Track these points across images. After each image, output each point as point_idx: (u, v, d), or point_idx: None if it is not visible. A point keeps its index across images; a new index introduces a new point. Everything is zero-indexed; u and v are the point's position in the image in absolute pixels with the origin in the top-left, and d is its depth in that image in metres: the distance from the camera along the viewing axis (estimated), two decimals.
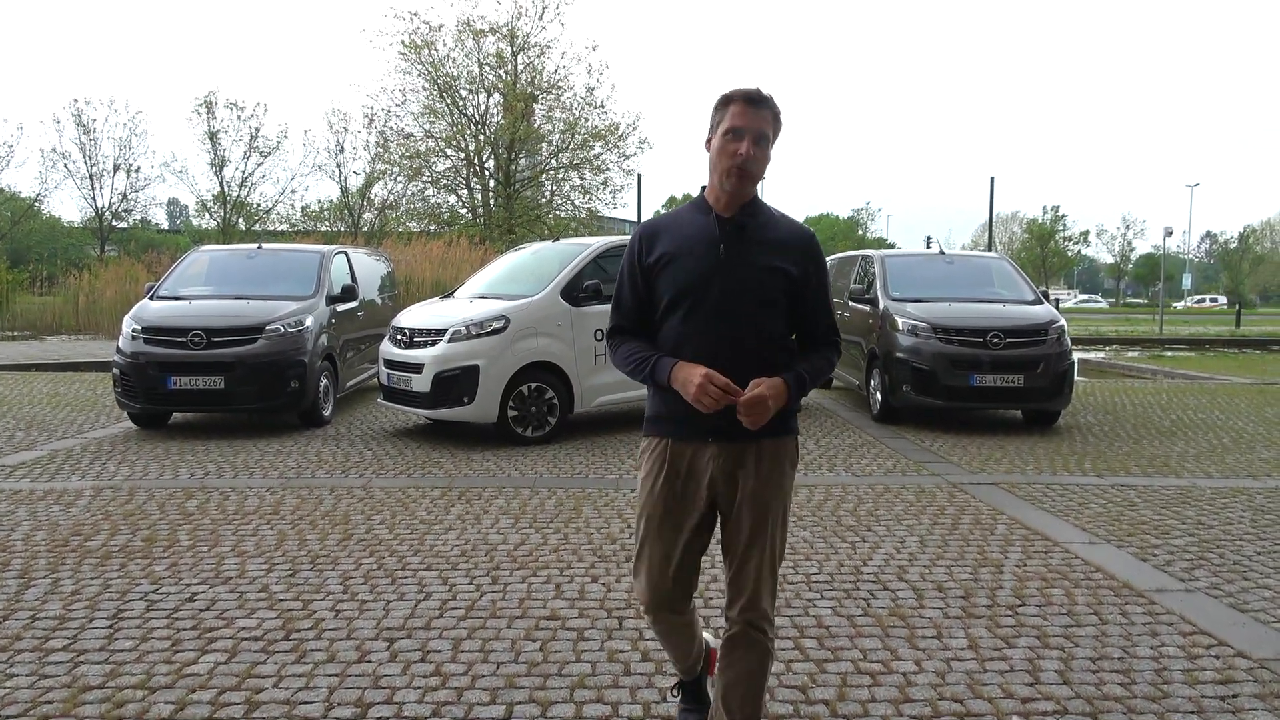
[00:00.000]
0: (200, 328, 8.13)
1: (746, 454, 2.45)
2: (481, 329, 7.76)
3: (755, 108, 2.35)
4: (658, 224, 2.54)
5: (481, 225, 31.01)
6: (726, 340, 2.37)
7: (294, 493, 6.04)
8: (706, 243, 2.41)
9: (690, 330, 2.40)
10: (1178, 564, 4.65)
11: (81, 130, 46.62)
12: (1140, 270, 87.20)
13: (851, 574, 4.44)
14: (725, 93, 2.40)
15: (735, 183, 2.36)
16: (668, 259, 2.44)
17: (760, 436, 2.42)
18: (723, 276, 2.38)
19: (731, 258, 2.39)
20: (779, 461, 2.49)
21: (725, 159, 2.35)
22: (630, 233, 2.86)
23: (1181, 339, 28.54)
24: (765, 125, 2.36)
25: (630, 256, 2.53)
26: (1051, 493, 6.21)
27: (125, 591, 4.12)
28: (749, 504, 2.45)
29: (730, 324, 2.38)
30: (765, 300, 2.40)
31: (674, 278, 2.42)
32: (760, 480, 2.45)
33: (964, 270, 10.46)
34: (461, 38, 31.18)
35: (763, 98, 2.37)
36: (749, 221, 2.43)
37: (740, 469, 2.45)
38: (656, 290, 2.46)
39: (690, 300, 2.39)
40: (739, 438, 2.41)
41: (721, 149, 2.36)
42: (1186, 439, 8.41)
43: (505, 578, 4.36)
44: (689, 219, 2.48)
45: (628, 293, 2.55)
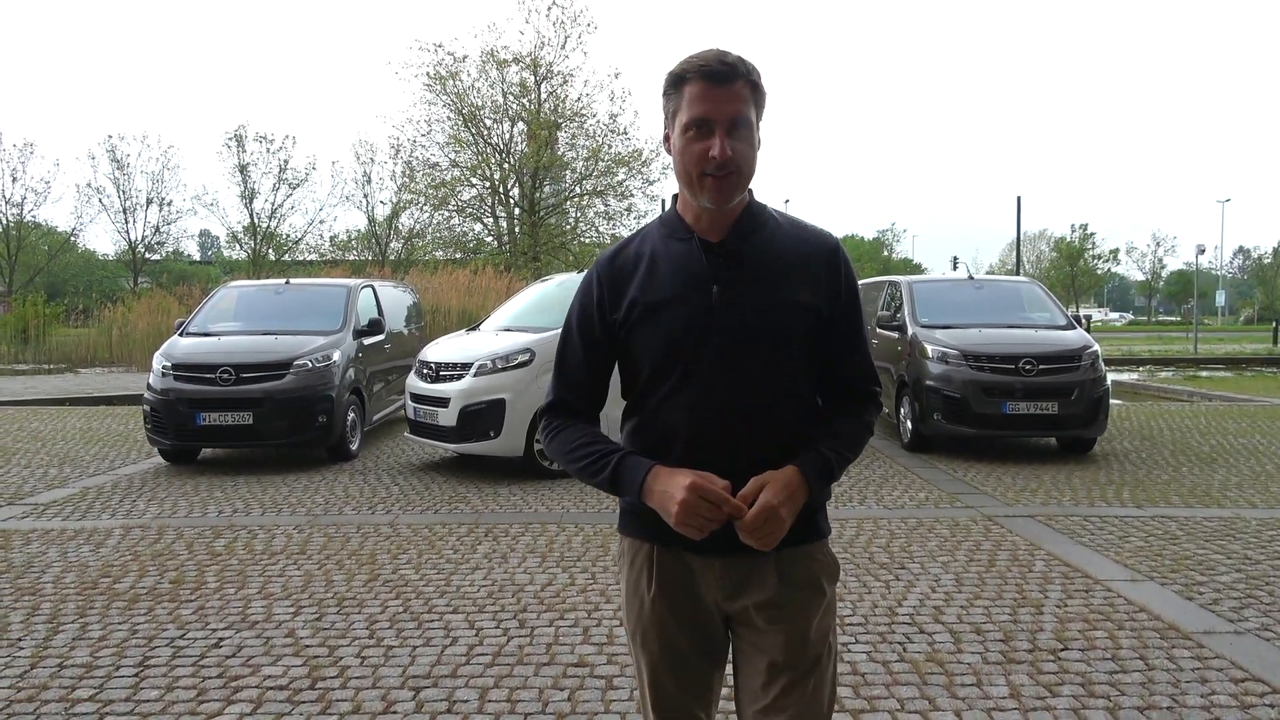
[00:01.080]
0: (229, 364, 8.18)
1: (761, 572, 1.75)
2: (507, 362, 7.74)
3: (721, 84, 1.64)
4: (624, 258, 1.80)
5: (507, 253, 31.20)
6: (735, 412, 1.71)
7: (321, 531, 6.03)
8: (693, 283, 1.71)
9: (683, 408, 1.72)
10: (1225, 603, 4.49)
11: (116, 165, 47.70)
12: (1172, 288, 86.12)
13: (886, 615, 4.33)
14: (673, 69, 1.68)
15: (715, 197, 1.68)
16: (642, 312, 1.74)
17: (785, 544, 1.73)
18: (720, 328, 1.70)
19: (730, 300, 1.70)
20: (810, 579, 1.78)
21: (691, 163, 1.66)
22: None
23: (1217, 358, 28.04)
24: (740, 105, 1.65)
25: (583, 306, 1.83)
26: (1090, 525, 6.06)
27: (152, 637, 4.10)
28: (772, 646, 1.74)
29: (733, 393, 1.71)
30: (781, 349, 1.73)
31: (654, 339, 1.73)
32: (785, 610, 1.75)
33: (994, 295, 10.33)
34: (486, 68, 31.54)
35: (729, 67, 1.64)
36: (747, 245, 1.73)
37: (754, 595, 1.76)
38: (630, 356, 1.79)
39: (680, 367, 1.71)
40: (747, 548, 1.70)
41: (684, 151, 1.67)
42: (1228, 466, 8.20)
43: (532, 621, 4.29)
44: (663, 250, 1.77)
45: (578, 355, 1.83)
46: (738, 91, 1.66)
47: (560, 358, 1.87)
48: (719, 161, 1.64)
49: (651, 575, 1.80)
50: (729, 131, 1.65)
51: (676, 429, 1.73)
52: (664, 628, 1.80)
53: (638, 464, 1.71)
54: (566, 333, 1.86)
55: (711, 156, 1.64)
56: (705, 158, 1.65)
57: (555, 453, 1.84)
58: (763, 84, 1.71)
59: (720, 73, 1.64)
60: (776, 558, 1.75)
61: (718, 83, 1.64)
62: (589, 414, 1.86)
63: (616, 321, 1.78)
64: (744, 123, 1.66)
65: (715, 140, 1.64)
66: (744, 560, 1.75)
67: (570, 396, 1.86)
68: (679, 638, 1.80)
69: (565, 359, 1.86)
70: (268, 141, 45.37)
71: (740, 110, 1.66)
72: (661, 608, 1.80)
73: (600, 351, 1.83)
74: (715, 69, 1.64)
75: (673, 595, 1.79)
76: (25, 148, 47.79)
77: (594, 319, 1.81)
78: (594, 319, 1.81)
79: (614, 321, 1.78)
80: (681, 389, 1.72)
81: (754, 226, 1.76)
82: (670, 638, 1.80)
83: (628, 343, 1.78)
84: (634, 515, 1.82)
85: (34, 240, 50.44)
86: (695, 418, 1.72)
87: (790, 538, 1.71)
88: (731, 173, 1.66)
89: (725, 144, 1.64)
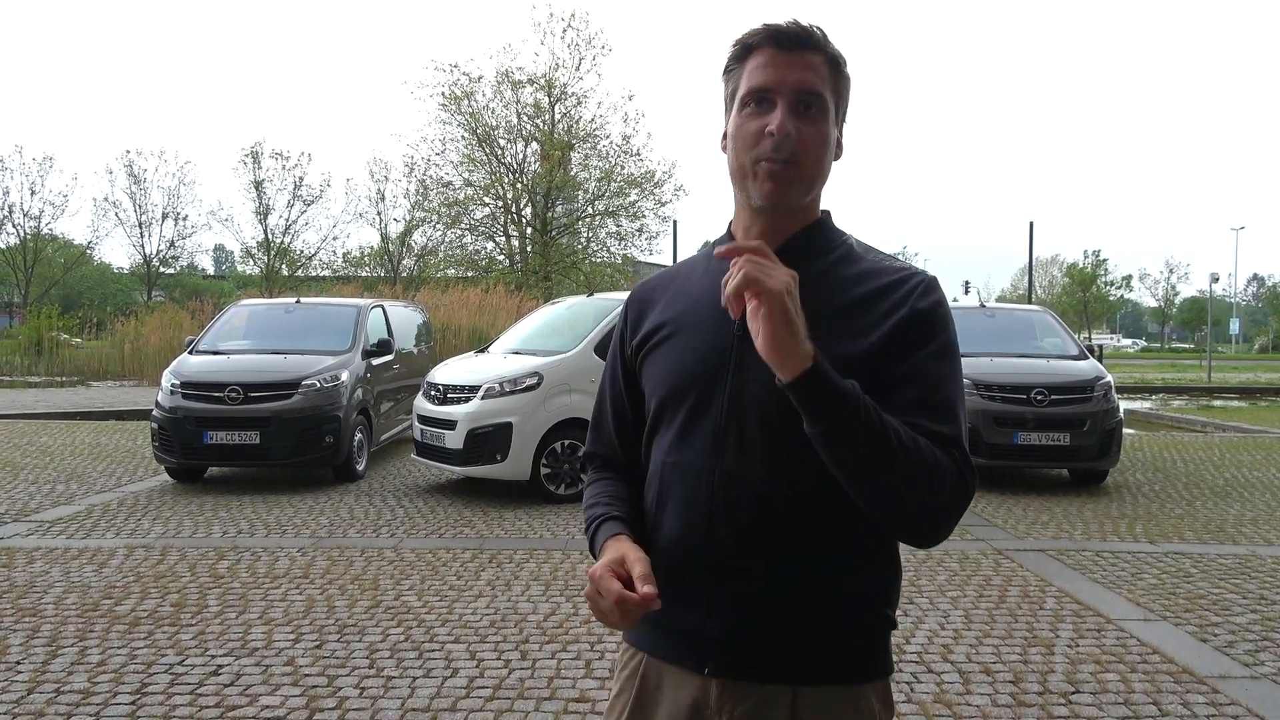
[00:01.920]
0: (237, 383, 8.18)
1: (771, 710, 1.29)
2: (515, 385, 7.72)
3: (794, 50, 1.30)
4: (658, 280, 1.52)
5: (518, 272, 31.29)
6: (732, 482, 1.29)
7: (325, 554, 5.99)
8: (717, 311, 1.28)
9: (677, 466, 1.35)
10: (1241, 645, 4.40)
11: (132, 180, 48.16)
12: (1186, 315, 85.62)
13: (893, 653, 4.25)
14: (739, 37, 1.35)
15: (769, 188, 1.29)
16: (655, 341, 1.42)
17: (799, 676, 1.28)
18: (735, 373, 1.31)
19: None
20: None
21: (743, 148, 1.31)
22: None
23: (1231, 387, 27.80)
24: (816, 79, 1.30)
25: (616, 338, 1.54)
26: (1102, 561, 5.97)
27: (151, 663, 4.07)
28: None
29: (742, 457, 1.29)
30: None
31: (660, 373, 1.40)
32: None
33: (1005, 323, 10.26)
34: (500, 89, 31.78)
35: (804, 32, 1.31)
36: (800, 269, 1.21)
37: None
38: (643, 394, 1.46)
39: (684, 414, 1.35)
40: (756, 672, 1.28)
41: (738, 132, 1.32)
42: (1243, 501, 8.09)
43: (534, 652, 4.24)
44: (702, 270, 1.44)
45: (607, 400, 1.54)
46: (812, 63, 1.31)
47: (596, 403, 1.59)
48: (777, 139, 1.27)
49: (632, 688, 1.40)
50: (794, 108, 1.29)
51: (669, 490, 1.36)
52: None
53: (604, 531, 1.38)
54: (603, 375, 1.59)
55: (769, 133, 1.28)
56: (761, 135, 1.29)
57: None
58: (846, 69, 1.36)
59: (795, 36, 1.31)
60: (794, 693, 1.28)
61: (790, 47, 1.31)
62: (622, 464, 1.52)
63: (633, 351, 1.48)
64: (816, 100, 1.30)
65: (776, 114, 1.29)
66: (751, 688, 1.29)
67: (601, 447, 1.56)
68: None
69: (599, 403, 1.58)
70: (283, 158, 45.76)
71: (811, 82, 1.30)
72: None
73: (625, 394, 1.51)
74: (789, 31, 1.31)
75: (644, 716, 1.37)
76: (45, 161, 48.53)
77: (618, 356, 1.53)
78: (618, 356, 1.53)
79: (632, 351, 1.48)
80: (685, 439, 1.35)
81: (817, 250, 1.36)
82: None
83: (641, 377, 1.46)
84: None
85: (50, 253, 50.92)
86: (693, 479, 1.33)
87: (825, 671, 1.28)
88: (793, 162, 1.29)
89: (787, 119, 1.28)
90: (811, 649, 1.28)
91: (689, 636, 1.32)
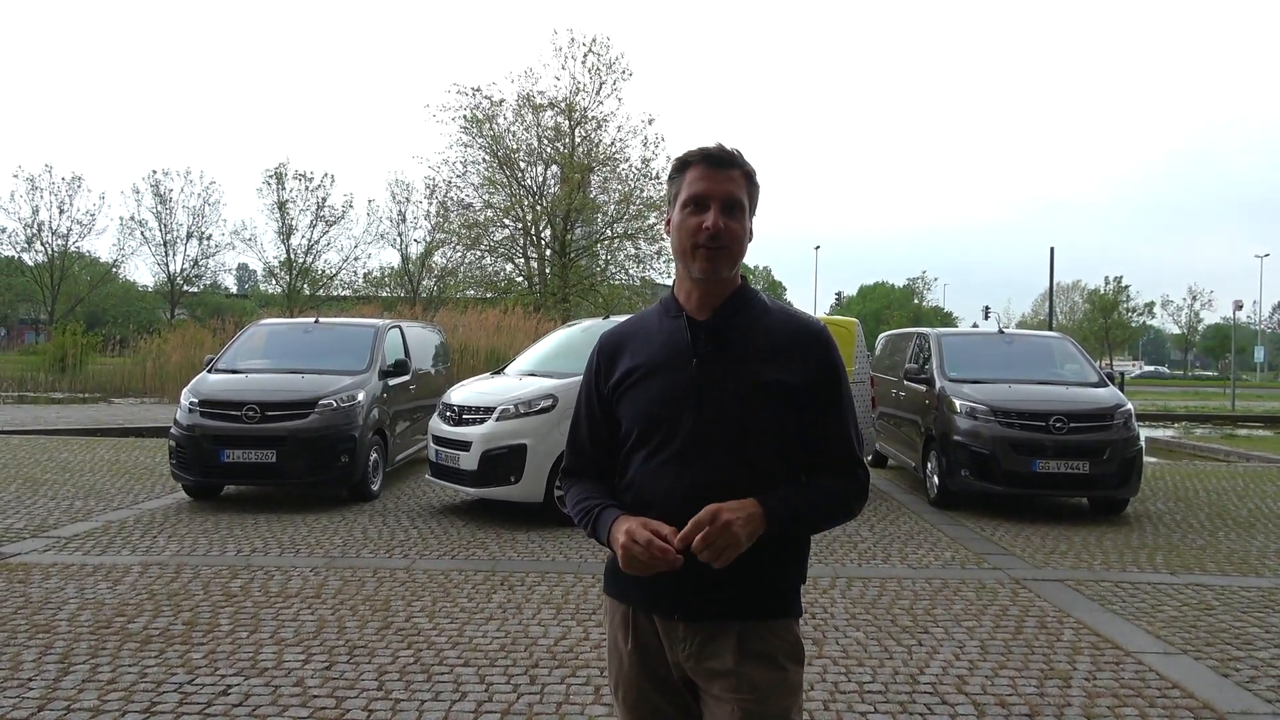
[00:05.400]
0: (254, 402, 8.24)
1: (720, 642, 1.81)
2: (530, 407, 7.72)
3: (720, 168, 1.82)
4: (622, 333, 1.99)
5: (537, 293, 31.42)
6: (703, 486, 1.77)
7: (337, 574, 5.99)
8: (676, 357, 1.85)
9: (654, 475, 1.84)
10: (1263, 681, 4.31)
11: (158, 200, 49.00)
12: (1209, 342, 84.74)
13: (907, 683, 4.20)
14: (679, 155, 1.88)
15: (704, 266, 1.81)
16: (630, 382, 1.89)
17: (739, 615, 1.81)
18: (697, 401, 1.81)
19: (707, 373, 1.82)
20: (768, 655, 1.81)
21: (686, 236, 1.81)
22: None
23: (1256, 416, 27.41)
24: (736, 189, 1.82)
25: (586, 380, 2.01)
26: (1121, 592, 5.88)
27: (161, 682, 4.07)
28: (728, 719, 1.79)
29: (704, 462, 1.80)
30: (753, 425, 1.81)
31: (636, 406, 1.87)
32: (741, 684, 1.79)
33: (1024, 350, 10.20)
34: (521, 112, 32.05)
35: (728, 155, 1.84)
36: (730, 324, 1.86)
37: (711, 662, 1.82)
38: (619, 422, 1.92)
39: (659, 436, 1.84)
40: (709, 614, 1.81)
41: (681, 225, 1.83)
42: (1267, 532, 7.96)
43: (544, 677, 4.21)
44: (656, 326, 1.93)
45: (584, 426, 2.00)
46: (734, 177, 1.84)
47: (572, 427, 2.04)
48: (711, 232, 1.79)
49: (628, 634, 1.91)
50: (723, 209, 1.81)
51: (653, 494, 1.84)
52: (640, 685, 1.91)
53: (608, 514, 1.85)
54: (577, 405, 2.03)
55: (705, 228, 1.80)
56: (699, 229, 1.80)
57: (570, 510, 1.99)
58: (757, 179, 1.90)
59: (720, 158, 1.84)
60: (739, 629, 1.82)
61: (717, 166, 1.83)
62: (599, 474, 1.99)
63: (609, 390, 1.94)
64: (738, 205, 1.83)
65: (710, 214, 1.80)
66: (706, 627, 1.83)
67: (579, 461, 2.02)
68: (654, 695, 1.90)
69: (575, 428, 2.03)
70: (307, 179, 46.46)
71: (735, 193, 1.83)
72: (637, 665, 1.90)
73: (601, 422, 1.97)
74: (716, 154, 1.84)
75: (646, 655, 1.89)
76: (73, 181, 49.26)
77: (593, 391, 1.98)
78: (593, 391, 1.98)
79: (607, 391, 1.94)
80: (658, 454, 1.84)
81: (740, 308, 1.89)
82: (646, 694, 1.91)
83: (618, 409, 1.92)
84: (613, 577, 1.94)
85: (76, 271, 51.66)
86: (670, 485, 1.82)
87: (756, 609, 1.83)
88: (723, 247, 1.81)
89: (719, 218, 1.80)
90: (746, 598, 1.82)
91: (662, 593, 1.83)
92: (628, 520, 1.77)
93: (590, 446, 1.99)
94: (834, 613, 5.25)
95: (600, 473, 1.98)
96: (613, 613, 1.96)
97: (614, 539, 1.79)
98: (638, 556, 1.71)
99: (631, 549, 1.72)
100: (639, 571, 1.74)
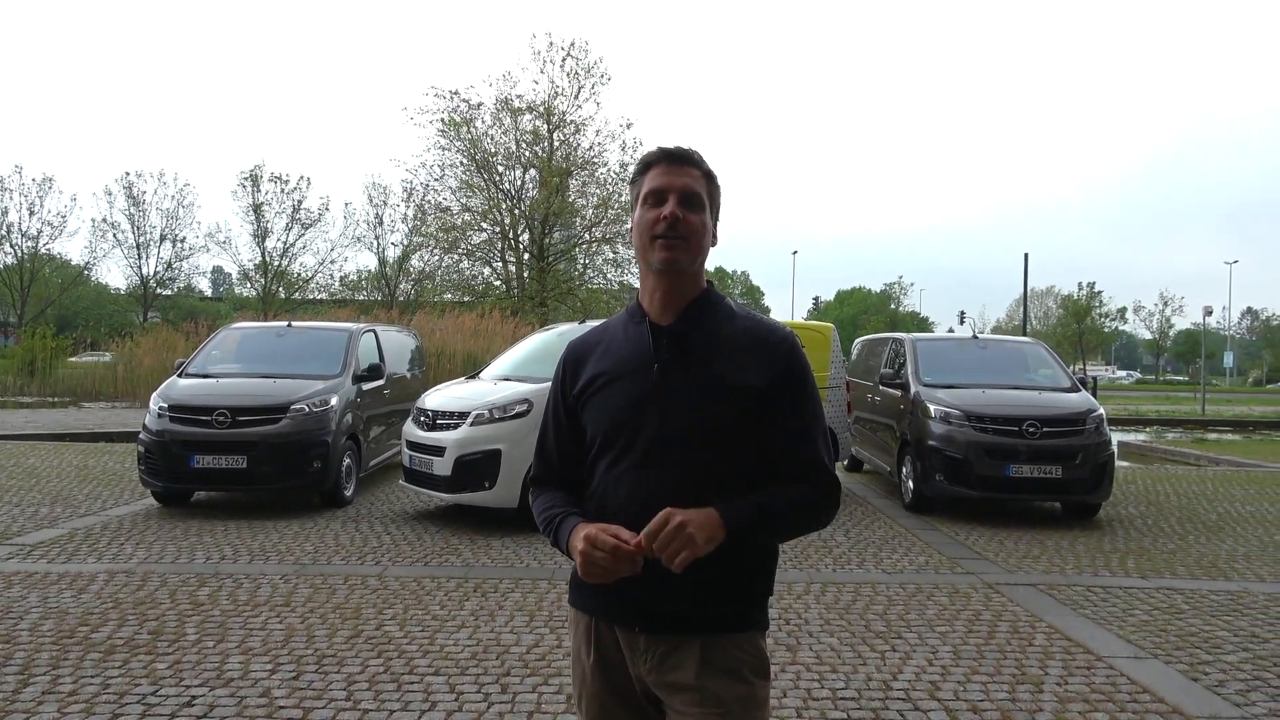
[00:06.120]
0: (225, 406, 8.13)
1: (682, 654, 1.77)
2: (505, 413, 7.67)
3: (679, 164, 1.83)
4: (588, 340, 1.97)
5: (514, 297, 31.31)
6: (664, 494, 1.72)
7: (307, 581, 5.92)
8: (638, 363, 1.82)
9: (616, 482, 1.81)
10: (1232, 684, 4.35)
11: (131, 202, 48.36)
12: (1180, 347, 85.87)
13: (880, 690, 4.20)
14: (641, 158, 1.90)
15: (663, 256, 1.78)
16: (594, 388, 1.87)
17: (702, 629, 1.76)
18: (658, 406, 1.78)
19: (669, 379, 1.79)
20: (732, 669, 1.77)
21: (645, 230, 1.80)
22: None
23: (1225, 420, 27.80)
24: (695, 184, 1.82)
25: (555, 386, 1.99)
26: (1093, 596, 5.91)
27: (123, 693, 3.99)
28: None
29: (667, 469, 1.76)
30: (716, 431, 1.77)
31: (599, 413, 1.85)
32: (706, 701, 1.74)
33: (998, 355, 10.26)
34: (500, 116, 31.98)
35: (686, 153, 1.85)
36: (693, 329, 1.83)
37: (673, 675, 1.78)
38: (585, 428, 1.90)
39: (621, 441, 1.81)
40: (670, 627, 1.77)
41: (640, 220, 1.82)
42: (1235, 536, 8.05)
43: (515, 685, 4.17)
44: (620, 333, 1.91)
45: (551, 435, 1.98)
46: (692, 174, 1.84)
47: (540, 436, 2.02)
48: (669, 221, 1.78)
49: (590, 646, 1.89)
50: (681, 201, 1.80)
51: (615, 501, 1.81)
52: (603, 698, 1.88)
53: (568, 522, 1.82)
54: (544, 414, 2.02)
55: (663, 218, 1.78)
56: (657, 220, 1.79)
57: (535, 518, 1.95)
58: (718, 181, 1.90)
59: (679, 155, 1.85)
60: (701, 643, 1.77)
61: (677, 163, 1.84)
62: (565, 482, 1.96)
63: (574, 398, 1.92)
64: (696, 198, 1.82)
65: (668, 204, 1.79)
66: (667, 639, 1.79)
67: (547, 470, 1.99)
68: (618, 709, 1.88)
69: (543, 437, 2.01)
70: (282, 182, 46.07)
71: (693, 186, 1.82)
72: (600, 678, 1.88)
73: (568, 430, 1.95)
74: (675, 153, 1.85)
75: (608, 668, 1.87)
76: (44, 182, 48.52)
77: (559, 399, 1.97)
78: (559, 399, 1.97)
79: (572, 399, 1.93)
80: (621, 461, 1.81)
81: (704, 313, 1.86)
82: (609, 708, 1.88)
83: (583, 417, 1.90)
84: (577, 589, 1.92)
85: (47, 273, 50.88)
86: (631, 492, 1.79)
87: (720, 624, 1.78)
88: (681, 237, 1.79)
89: (676, 209, 1.79)
90: (708, 610, 1.77)
91: (624, 605, 1.79)
92: (586, 526, 1.74)
93: (557, 455, 1.97)
94: (808, 618, 5.25)
95: (567, 482, 1.95)
96: (576, 624, 1.93)
97: (573, 546, 1.75)
98: (597, 561, 1.68)
99: (591, 554, 1.68)
100: (598, 578, 1.70)
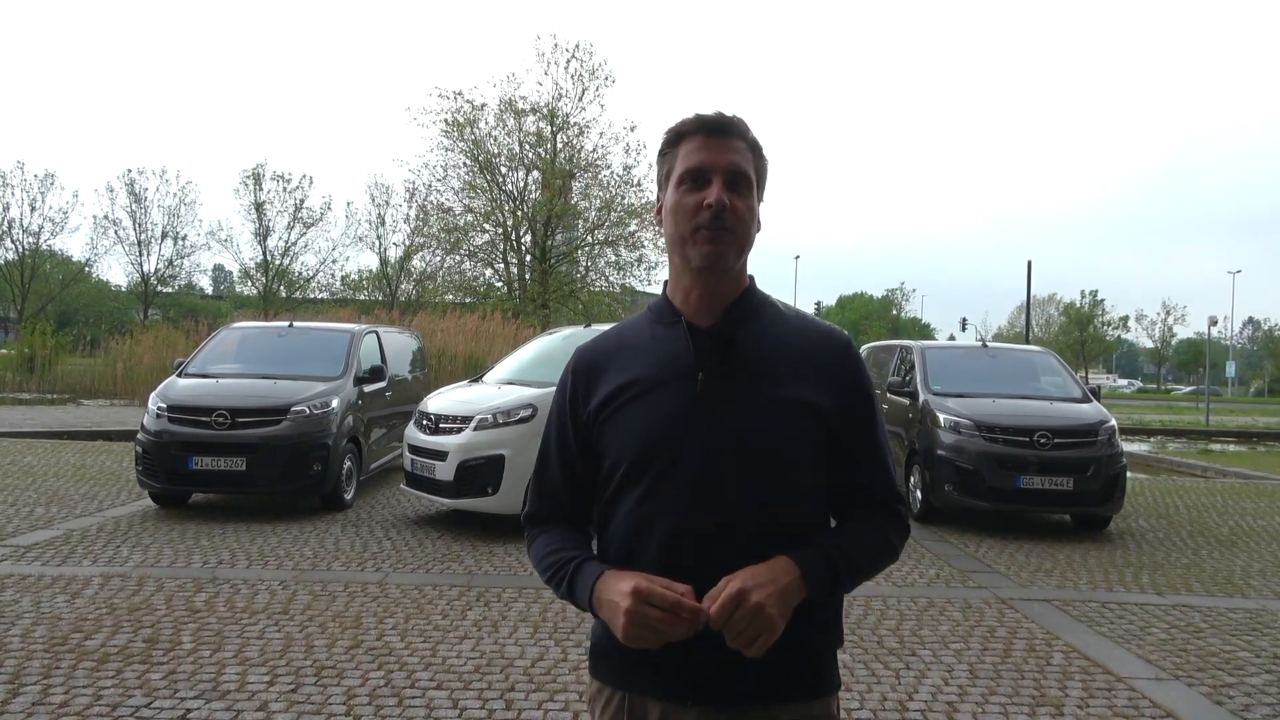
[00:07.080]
0: (225, 408, 8.00)
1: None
2: (509, 417, 7.55)
3: (722, 137, 1.50)
4: (603, 346, 1.62)
5: (516, 299, 31.20)
6: (712, 532, 1.44)
7: (306, 588, 5.79)
8: (674, 372, 1.49)
9: (648, 521, 1.47)
10: (1258, 709, 4.22)
11: (133, 199, 48.26)
12: (1182, 357, 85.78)
13: (896, 710, 4.07)
14: (672, 126, 1.55)
15: (708, 250, 1.46)
16: (619, 402, 1.52)
17: (771, 699, 1.46)
18: (705, 426, 1.46)
19: (717, 393, 1.47)
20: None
21: (683, 219, 1.48)
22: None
23: (1229, 430, 27.65)
24: (741, 160, 1.49)
25: (558, 405, 1.63)
26: (1109, 613, 5.79)
27: (116, 705, 3.87)
28: None
29: (718, 505, 1.44)
30: (782, 460, 1.46)
31: (625, 435, 1.50)
32: None
33: (1007, 363, 10.15)
34: (503, 117, 31.83)
35: (729, 122, 1.51)
36: (741, 330, 1.51)
37: None
38: (603, 455, 1.54)
39: (655, 470, 1.47)
40: (737, 699, 1.45)
41: (677, 206, 1.49)
42: (1249, 550, 7.92)
43: (520, 701, 4.04)
44: (646, 335, 1.57)
45: (554, 462, 1.62)
46: (738, 147, 1.51)
47: (538, 464, 1.66)
48: (715, 210, 1.45)
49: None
50: (727, 183, 1.48)
51: (647, 542, 1.47)
52: None
53: (589, 570, 1.47)
54: (545, 437, 1.65)
55: (707, 205, 1.46)
56: (700, 208, 1.47)
57: (533, 562, 1.61)
58: (765, 154, 1.56)
59: (721, 125, 1.51)
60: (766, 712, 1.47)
61: (718, 134, 1.50)
62: (570, 521, 1.63)
63: (589, 417, 1.56)
64: (744, 179, 1.50)
65: (713, 188, 1.47)
66: (725, 712, 1.46)
67: (549, 506, 1.64)
68: None
69: (543, 466, 1.65)
70: (285, 180, 45.99)
71: (740, 164, 1.50)
72: None
73: (577, 457, 1.59)
74: (715, 121, 1.51)
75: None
76: (46, 178, 48.44)
77: (567, 419, 1.60)
78: (567, 419, 1.60)
79: (587, 417, 1.56)
80: (656, 493, 1.47)
81: (751, 313, 1.55)
82: None
83: (601, 439, 1.54)
84: (603, 658, 1.56)
85: (48, 269, 50.80)
86: (670, 528, 1.45)
87: (791, 689, 1.46)
88: (727, 229, 1.47)
89: (723, 193, 1.46)
90: (778, 675, 1.46)
91: (671, 673, 1.45)
92: (625, 577, 1.40)
93: (563, 486, 1.61)
94: None
95: (573, 519, 1.62)
96: (601, 701, 1.55)
97: (606, 601, 1.41)
98: (651, 623, 1.34)
99: (643, 614, 1.34)
100: (645, 643, 1.36)
